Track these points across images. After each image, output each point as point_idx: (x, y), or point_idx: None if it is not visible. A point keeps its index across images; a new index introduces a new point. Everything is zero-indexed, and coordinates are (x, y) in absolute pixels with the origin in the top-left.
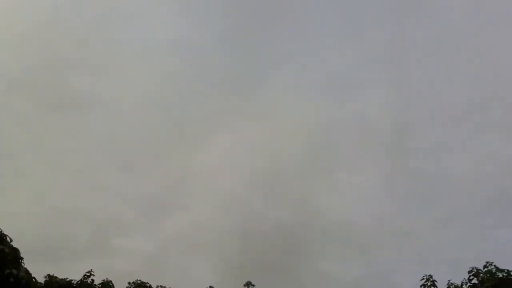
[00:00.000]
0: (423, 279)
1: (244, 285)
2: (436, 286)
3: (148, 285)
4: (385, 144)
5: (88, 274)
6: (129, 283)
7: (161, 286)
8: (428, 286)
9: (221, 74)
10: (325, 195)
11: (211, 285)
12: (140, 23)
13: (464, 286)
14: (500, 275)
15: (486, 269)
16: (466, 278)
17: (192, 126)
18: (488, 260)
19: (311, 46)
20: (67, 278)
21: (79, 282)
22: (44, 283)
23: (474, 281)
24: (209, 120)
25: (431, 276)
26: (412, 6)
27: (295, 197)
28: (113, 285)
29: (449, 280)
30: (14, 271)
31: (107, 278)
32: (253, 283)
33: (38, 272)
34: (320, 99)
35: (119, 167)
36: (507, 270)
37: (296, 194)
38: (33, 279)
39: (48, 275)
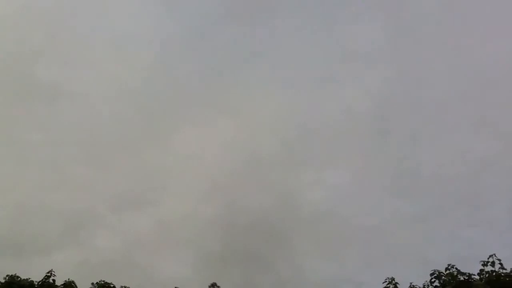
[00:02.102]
0: (385, 281)
1: (209, 286)
2: None
3: (112, 285)
4: (361, 140)
5: (48, 274)
6: (92, 283)
7: (125, 287)
8: None
9: (195, 67)
10: (302, 189)
11: (186, 277)
12: (114, 13)
13: None
14: (462, 278)
15: (447, 271)
16: (428, 280)
17: (165, 119)
18: (450, 263)
19: (288, 40)
20: (29, 278)
21: (40, 283)
22: (4, 283)
23: (436, 283)
24: (182, 114)
25: (393, 279)
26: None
27: (271, 193)
28: (75, 286)
29: (411, 283)
30: None
31: (69, 279)
32: (230, 275)
33: (3, 270)
34: (298, 93)
35: (89, 161)
36: (468, 273)
37: (273, 190)
38: None
39: (9, 275)
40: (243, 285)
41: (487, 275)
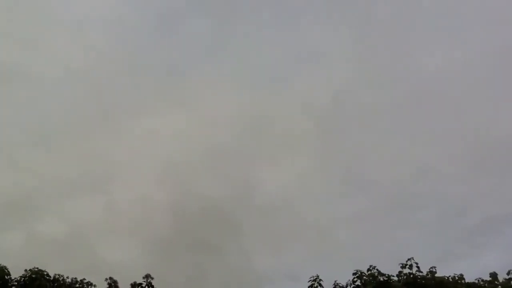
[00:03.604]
0: (310, 280)
1: (143, 277)
2: (322, 286)
3: (45, 273)
4: (314, 139)
5: None
6: (25, 270)
7: (58, 275)
8: (314, 286)
9: (153, 57)
10: (255, 182)
11: (133, 261)
12: None
13: (348, 287)
14: (381, 279)
15: (369, 272)
16: (351, 279)
17: (119, 107)
18: (371, 264)
19: (248, 37)
20: None
21: None
22: None
23: (358, 283)
24: (136, 103)
25: (317, 277)
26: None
27: (225, 183)
28: (8, 271)
29: (335, 281)
30: None
31: (1, 264)
32: (178, 261)
33: None
34: (255, 89)
35: (38, 144)
36: (388, 274)
37: (227, 180)
38: None
39: None
40: (191, 271)
41: (405, 277)
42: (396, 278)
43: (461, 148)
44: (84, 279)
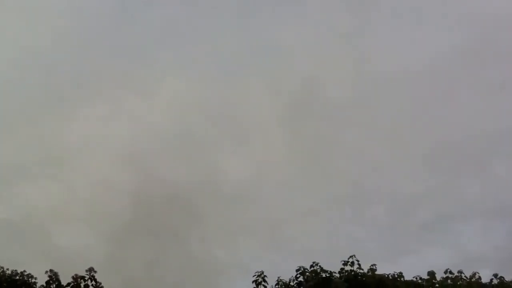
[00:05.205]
0: (255, 275)
1: (86, 271)
2: (266, 282)
3: None
4: (273, 132)
5: None
6: None
7: None
8: (259, 282)
9: (112, 43)
10: (218, 171)
11: (87, 246)
12: None
13: (291, 283)
14: (324, 275)
15: (312, 268)
16: (294, 275)
17: (76, 91)
18: (314, 261)
19: (209, 24)
20: None
21: None
22: None
23: (301, 279)
24: (95, 88)
25: (262, 272)
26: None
27: (190, 171)
28: None
29: (278, 277)
30: None
31: None
32: (137, 247)
33: None
34: (218, 76)
35: None
36: (330, 271)
37: (192, 168)
38: None
39: None
40: (150, 258)
41: (346, 274)
42: (338, 275)
43: (413, 147)
44: (25, 271)
